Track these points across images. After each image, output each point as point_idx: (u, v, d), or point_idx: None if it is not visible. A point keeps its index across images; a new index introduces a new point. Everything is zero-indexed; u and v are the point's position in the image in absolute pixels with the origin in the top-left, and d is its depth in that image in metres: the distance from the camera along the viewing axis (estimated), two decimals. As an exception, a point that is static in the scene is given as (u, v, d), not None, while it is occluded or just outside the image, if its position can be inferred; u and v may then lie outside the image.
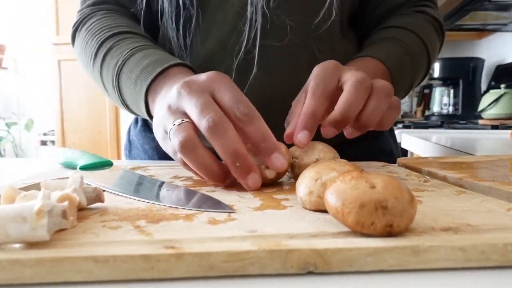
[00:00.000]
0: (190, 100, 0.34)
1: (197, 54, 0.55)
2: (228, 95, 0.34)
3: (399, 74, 0.53)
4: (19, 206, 0.18)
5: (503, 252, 0.19)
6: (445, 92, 2.06)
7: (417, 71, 0.57)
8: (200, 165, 0.33)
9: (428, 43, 0.57)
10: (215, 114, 0.32)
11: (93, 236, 0.21)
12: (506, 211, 0.26)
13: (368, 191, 0.20)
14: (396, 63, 0.53)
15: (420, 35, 0.57)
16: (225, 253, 0.18)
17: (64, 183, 0.28)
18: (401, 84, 0.54)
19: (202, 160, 0.33)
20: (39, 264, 0.17)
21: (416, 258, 0.19)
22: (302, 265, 0.18)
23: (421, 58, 0.57)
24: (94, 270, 0.18)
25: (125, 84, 0.49)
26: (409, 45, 0.55)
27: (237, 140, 0.32)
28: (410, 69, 0.56)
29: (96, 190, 0.26)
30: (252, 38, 0.51)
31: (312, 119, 0.37)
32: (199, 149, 0.33)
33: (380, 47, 0.55)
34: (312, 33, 0.53)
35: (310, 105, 0.37)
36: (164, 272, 0.18)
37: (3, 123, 3.48)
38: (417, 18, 0.60)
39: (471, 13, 1.53)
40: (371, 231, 0.20)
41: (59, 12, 2.83)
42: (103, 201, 0.27)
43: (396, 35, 0.57)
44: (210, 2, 0.53)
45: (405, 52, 0.55)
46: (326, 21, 0.53)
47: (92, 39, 0.54)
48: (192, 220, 0.24)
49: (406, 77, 0.56)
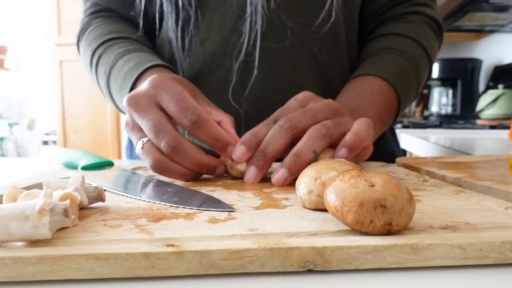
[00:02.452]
0: (142, 120, 0.37)
1: (197, 56, 0.54)
2: (172, 104, 0.36)
3: (404, 88, 0.52)
4: (21, 205, 0.18)
5: (501, 250, 0.19)
6: (444, 92, 2.06)
7: (421, 79, 0.56)
8: (176, 176, 0.38)
9: (428, 47, 0.56)
10: (169, 139, 0.36)
11: (94, 235, 0.21)
12: (503, 210, 0.26)
13: (367, 190, 0.20)
14: (400, 77, 0.52)
15: (420, 41, 0.55)
16: (225, 251, 0.18)
17: (66, 182, 0.28)
18: (407, 98, 0.54)
19: (175, 174, 0.38)
20: (41, 262, 0.18)
21: (415, 256, 0.19)
22: (301, 263, 0.18)
23: (423, 65, 0.56)
24: (95, 268, 0.18)
25: (114, 93, 0.52)
26: (410, 54, 0.54)
27: (196, 153, 0.37)
28: (414, 79, 0.54)
29: (97, 190, 0.27)
30: (252, 40, 0.51)
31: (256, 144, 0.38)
32: (170, 165, 0.37)
33: (381, 61, 0.54)
34: (313, 35, 0.53)
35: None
36: (164, 270, 0.18)
37: (5, 123, 3.48)
38: (414, 21, 0.58)
39: (469, 14, 1.53)
40: (370, 229, 0.20)
41: (60, 13, 2.83)
42: (104, 201, 0.27)
43: (395, 45, 0.55)
44: (208, 3, 0.53)
45: (408, 63, 0.53)
46: (326, 23, 0.52)
47: (87, 48, 0.56)
48: (193, 219, 0.24)
49: (411, 90, 0.54)
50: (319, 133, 0.36)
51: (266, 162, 0.37)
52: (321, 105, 0.39)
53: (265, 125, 0.39)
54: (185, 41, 0.54)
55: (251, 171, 0.37)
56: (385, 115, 0.50)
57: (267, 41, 0.52)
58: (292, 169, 0.35)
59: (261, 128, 0.39)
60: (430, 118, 2.07)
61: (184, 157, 0.36)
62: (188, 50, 0.55)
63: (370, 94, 0.49)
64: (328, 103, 0.40)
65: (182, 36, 0.54)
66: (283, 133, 0.37)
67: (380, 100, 0.49)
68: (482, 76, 2.02)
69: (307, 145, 0.36)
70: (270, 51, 0.52)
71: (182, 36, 0.54)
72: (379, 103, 0.49)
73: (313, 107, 0.39)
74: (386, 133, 0.67)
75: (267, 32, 0.52)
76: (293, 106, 0.40)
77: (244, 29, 0.51)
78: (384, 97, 0.50)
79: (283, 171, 0.35)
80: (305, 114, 0.38)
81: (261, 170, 0.37)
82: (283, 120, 0.37)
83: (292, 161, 0.35)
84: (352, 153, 0.36)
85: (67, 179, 0.28)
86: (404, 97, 0.52)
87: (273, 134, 0.37)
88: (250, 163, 0.37)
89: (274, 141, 0.37)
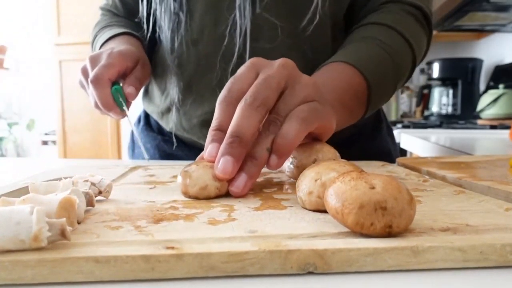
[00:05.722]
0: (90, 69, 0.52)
1: (190, 57, 0.56)
2: (96, 67, 0.51)
3: (374, 73, 0.48)
4: (15, 229, 0.17)
5: (502, 253, 0.19)
6: (444, 92, 2.06)
7: (402, 65, 0.52)
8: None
9: (406, 33, 0.52)
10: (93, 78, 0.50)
11: (93, 237, 0.21)
12: (504, 211, 0.26)
13: (367, 192, 0.20)
14: (369, 62, 0.49)
15: (394, 27, 0.52)
16: (225, 254, 0.18)
17: (54, 186, 0.28)
18: (382, 83, 0.50)
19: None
20: (41, 265, 0.18)
21: (415, 259, 0.19)
22: (302, 265, 0.18)
23: (401, 51, 0.52)
24: (95, 270, 0.18)
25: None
26: (381, 40, 0.51)
27: (104, 96, 0.51)
28: (390, 66, 0.51)
29: (88, 195, 0.26)
30: (242, 41, 0.52)
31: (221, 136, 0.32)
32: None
33: (348, 49, 0.51)
34: (302, 34, 0.53)
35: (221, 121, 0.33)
36: (164, 273, 0.18)
37: (5, 123, 3.48)
38: (392, 11, 0.55)
39: (470, 14, 1.53)
40: (370, 231, 0.20)
41: (60, 13, 2.83)
42: (94, 206, 0.27)
43: (366, 33, 0.52)
44: (198, 6, 0.54)
45: (379, 48, 0.50)
46: (311, 23, 0.52)
47: (93, 39, 0.66)
48: (193, 220, 0.24)
49: (386, 76, 0.51)
50: (269, 131, 0.32)
51: (242, 149, 0.31)
52: (277, 69, 0.34)
53: (224, 109, 0.33)
54: (175, 44, 0.56)
55: (226, 163, 0.30)
56: (349, 100, 0.46)
57: (259, 42, 0.53)
58: (250, 172, 0.31)
59: (222, 116, 0.33)
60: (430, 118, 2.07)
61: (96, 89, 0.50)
62: (180, 51, 0.56)
63: (329, 79, 0.45)
64: (283, 64, 0.35)
65: (172, 38, 0.55)
66: (253, 112, 0.31)
67: (341, 84, 0.45)
68: (483, 76, 2.02)
69: (260, 144, 0.31)
70: (261, 51, 0.52)
71: (172, 38, 0.55)
72: (340, 87, 0.45)
73: (272, 74, 0.33)
74: (382, 131, 0.67)
75: (258, 33, 0.53)
76: (247, 73, 0.34)
77: (234, 32, 0.52)
78: (347, 81, 0.46)
79: (243, 176, 0.31)
80: (270, 84, 0.33)
81: (238, 159, 0.30)
82: (251, 97, 0.32)
83: (250, 163, 0.31)
84: (282, 158, 0.32)
85: (55, 182, 0.28)
86: (377, 83, 0.48)
87: (243, 114, 0.31)
88: (223, 153, 0.30)
89: (246, 122, 0.31)
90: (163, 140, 0.66)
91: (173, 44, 0.56)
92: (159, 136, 0.67)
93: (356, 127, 0.61)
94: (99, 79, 0.50)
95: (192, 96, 0.58)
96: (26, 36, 3.44)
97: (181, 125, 0.61)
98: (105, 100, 0.51)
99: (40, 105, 3.50)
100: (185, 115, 0.59)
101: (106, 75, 0.50)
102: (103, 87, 0.50)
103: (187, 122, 0.60)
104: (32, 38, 3.43)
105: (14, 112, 3.57)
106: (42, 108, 3.49)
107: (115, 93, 0.52)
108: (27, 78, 3.51)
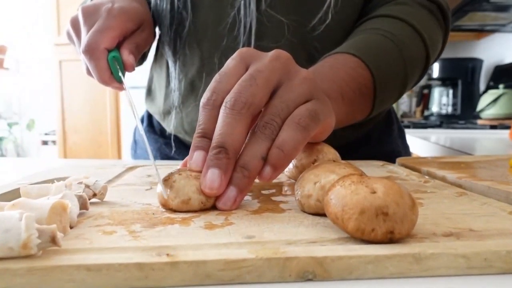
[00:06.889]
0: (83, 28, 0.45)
1: (193, 55, 0.54)
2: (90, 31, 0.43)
3: (379, 64, 0.45)
4: (4, 237, 0.17)
5: (507, 260, 0.18)
6: (444, 92, 2.05)
7: (411, 62, 0.48)
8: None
9: (419, 25, 0.48)
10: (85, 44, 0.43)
11: (86, 243, 0.20)
12: (507, 214, 0.25)
13: (368, 197, 0.20)
14: (374, 53, 0.45)
15: (405, 19, 0.48)
16: (221, 261, 0.18)
17: (46, 189, 0.27)
18: (389, 76, 0.46)
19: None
20: (30, 274, 0.17)
21: (417, 266, 0.18)
22: (300, 273, 0.18)
23: (411, 43, 0.48)
24: (87, 279, 0.17)
25: None
26: (390, 32, 0.47)
27: (102, 70, 0.45)
28: (398, 57, 0.46)
29: (82, 198, 0.26)
30: (247, 40, 0.51)
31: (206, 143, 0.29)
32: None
33: (353, 41, 0.47)
34: (310, 33, 0.52)
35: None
36: (158, 281, 0.17)
37: (5, 123, 3.47)
38: (404, 3, 0.51)
39: (470, 14, 1.52)
40: (371, 237, 0.19)
41: (60, 13, 2.82)
42: (88, 209, 0.26)
43: (374, 25, 0.49)
44: (203, 3, 0.52)
45: (386, 39, 0.47)
46: (322, 23, 0.50)
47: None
48: (189, 224, 0.24)
49: (393, 68, 0.47)
50: (264, 135, 0.28)
51: (230, 161, 0.27)
52: (268, 62, 0.30)
53: (208, 114, 0.29)
54: (177, 43, 0.54)
55: (213, 176, 0.27)
56: (350, 92, 0.42)
57: (263, 41, 0.51)
58: (241, 185, 0.27)
59: (206, 122, 0.29)
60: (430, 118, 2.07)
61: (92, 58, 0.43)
62: (184, 49, 0.55)
63: (328, 69, 0.43)
64: (276, 56, 0.31)
65: (174, 38, 0.54)
66: (237, 117, 0.28)
67: (341, 75, 0.42)
68: (483, 76, 2.01)
69: (253, 151, 0.28)
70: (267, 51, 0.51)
71: (174, 37, 0.54)
72: (340, 78, 0.42)
73: (261, 68, 0.30)
74: (393, 133, 0.64)
75: (263, 32, 0.51)
76: (234, 69, 0.31)
77: (239, 29, 0.51)
78: (349, 72, 0.43)
79: (231, 190, 0.27)
80: (256, 80, 0.29)
81: (226, 172, 0.27)
82: (231, 100, 0.28)
83: (240, 175, 0.27)
84: (277, 171, 0.28)
85: (47, 185, 0.28)
86: (383, 75, 0.45)
87: (225, 120, 0.28)
88: (209, 165, 0.27)
89: (230, 130, 0.27)
90: (165, 143, 0.65)
91: (176, 44, 0.55)
92: (160, 139, 0.66)
93: (364, 129, 0.59)
94: (94, 49, 0.42)
95: (194, 97, 0.57)
96: (26, 36, 3.44)
97: (183, 127, 0.59)
98: (101, 74, 0.44)
99: (40, 105, 3.50)
100: (187, 117, 0.58)
101: (102, 44, 0.42)
102: (98, 59, 0.42)
103: (188, 124, 0.58)
104: (32, 38, 3.42)
105: (14, 112, 3.56)
106: (42, 108, 3.49)
107: (112, 62, 0.43)
108: (27, 78, 3.51)
